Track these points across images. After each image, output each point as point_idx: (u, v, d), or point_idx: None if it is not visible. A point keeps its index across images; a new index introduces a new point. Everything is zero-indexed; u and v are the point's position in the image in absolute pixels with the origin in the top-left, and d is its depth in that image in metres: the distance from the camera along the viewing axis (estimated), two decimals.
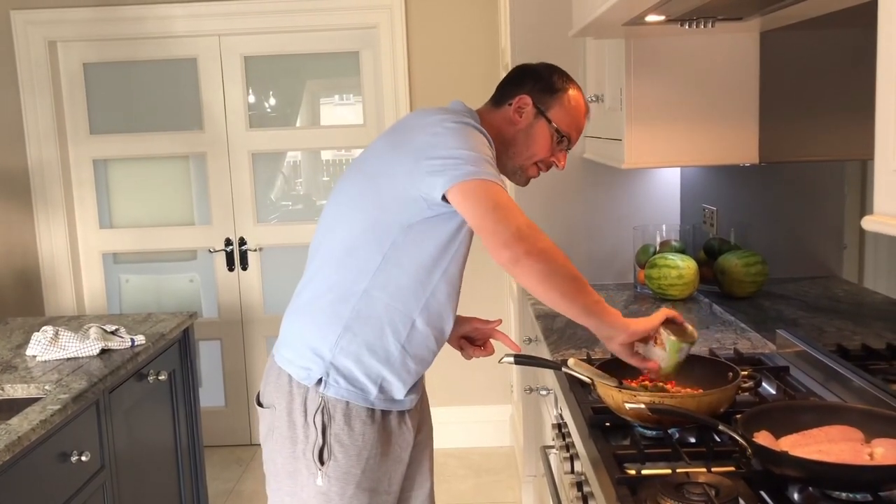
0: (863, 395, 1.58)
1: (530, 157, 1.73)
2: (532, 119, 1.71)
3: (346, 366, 1.61)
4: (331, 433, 1.60)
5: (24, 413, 1.88)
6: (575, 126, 1.74)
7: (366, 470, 1.63)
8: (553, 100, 1.72)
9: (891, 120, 0.81)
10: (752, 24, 1.93)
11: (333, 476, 1.61)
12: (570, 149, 1.77)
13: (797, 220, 2.10)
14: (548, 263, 1.48)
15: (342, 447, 1.61)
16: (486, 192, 1.49)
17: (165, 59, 3.90)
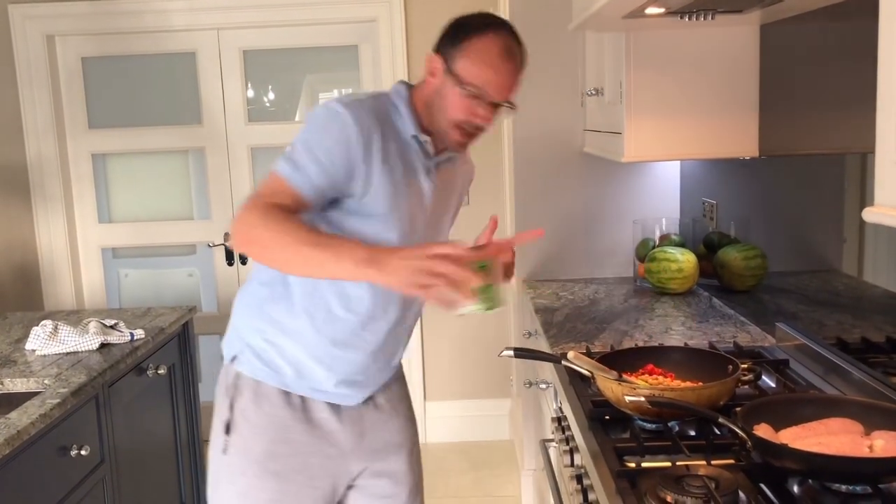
0: (862, 387, 1.58)
1: (446, 119, 1.57)
2: (443, 76, 1.56)
3: (260, 346, 1.64)
4: (237, 408, 1.64)
5: (24, 407, 1.88)
6: (484, 76, 1.52)
7: (271, 452, 1.62)
8: (457, 51, 1.54)
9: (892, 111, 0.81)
10: (752, 16, 1.92)
11: (234, 450, 1.64)
12: (497, 104, 1.56)
13: (797, 214, 2.10)
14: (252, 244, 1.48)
15: (247, 423, 1.63)
16: (263, 182, 1.52)
17: (164, 53, 3.89)
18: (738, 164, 2.37)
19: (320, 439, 1.66)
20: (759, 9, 1.78)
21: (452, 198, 1.77)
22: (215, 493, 1.69)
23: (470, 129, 1.59)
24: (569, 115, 2.95)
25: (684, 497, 1.19)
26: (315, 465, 1.66)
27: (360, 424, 1.71)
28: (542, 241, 3.00)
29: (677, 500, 1.19)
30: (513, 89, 1.58)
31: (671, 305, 2.50)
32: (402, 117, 1.60)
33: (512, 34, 1.57)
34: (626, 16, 1.83)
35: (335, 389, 1.65)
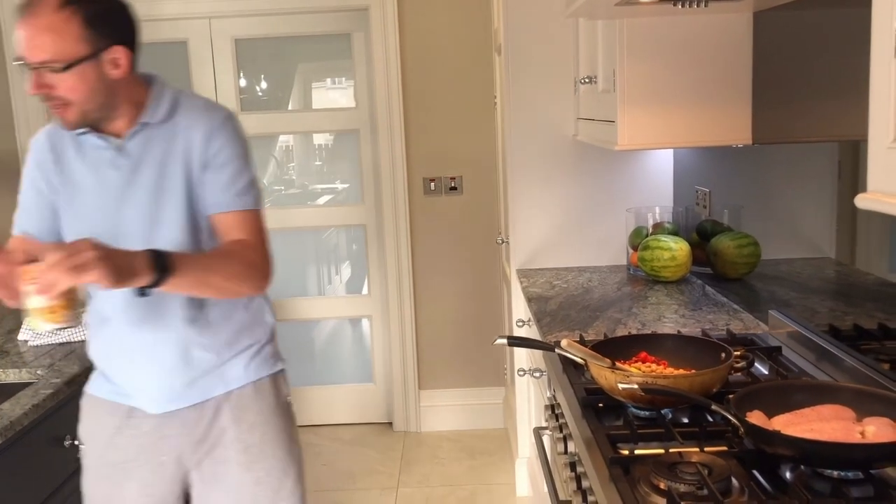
0: (854, 374, 1.59)
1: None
2: None
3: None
4: (81, 415, 1.79)
5: (17, 398, 1.87)
6: (15, 37, 1.50)
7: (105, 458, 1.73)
8: None
9: (885, 97, 0.81)
10: (745, 3, 1.92)
11: (83, 454, 1.78)
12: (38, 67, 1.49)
13: (790, 202, 2.10)
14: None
15: (85, 430, 1.78)
16: None
17: (155, 41, 3.85)
18: (732, 151, 2.37)
19: (154, 446, 1.71)
20: None
21: (169, 165, 1.62)
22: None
23: (46, 102, 1.54)
24: (562, 104, 2.95)
25: (677, 484, 1.20)
26: (146, 474, 1.72)
27: (194, 430, 1.69)
28: (535, 230, 3.00)
29: (670, 487, 1.19)
30: (37, 46, 1.48)
31: (664, 293, 2.51)
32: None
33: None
34: (619, 3, 1.83)
35: (151, 395, 1.69)
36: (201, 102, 1.71)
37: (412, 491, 3.39)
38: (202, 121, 1.64)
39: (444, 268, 3.86)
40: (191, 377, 1.67)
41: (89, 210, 1.61)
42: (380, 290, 3.97)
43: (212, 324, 1.67)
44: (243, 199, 1.64)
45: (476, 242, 3.84)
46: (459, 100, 3.75)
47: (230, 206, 1.63)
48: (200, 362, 1.67)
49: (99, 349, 1.75)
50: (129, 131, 1.61)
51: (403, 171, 3.79)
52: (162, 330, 1.64)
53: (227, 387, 1.71)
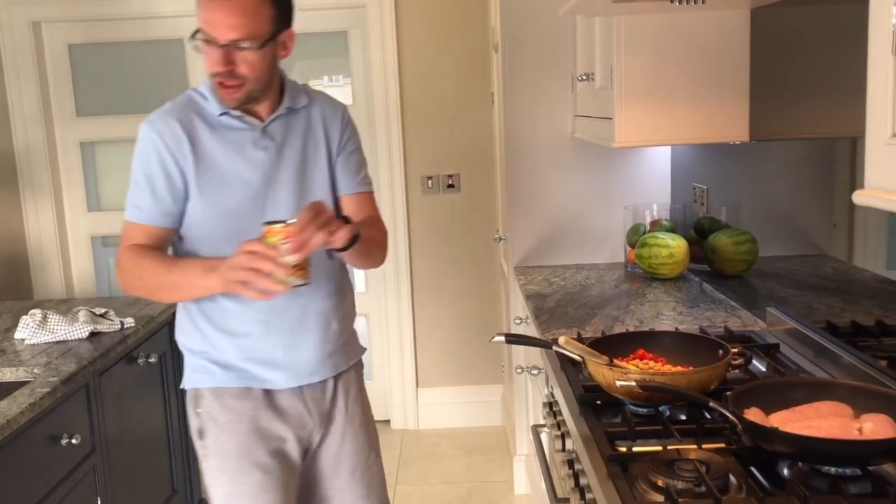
0: (852, 371, 1.59)
1: (210, 75, 1.62)
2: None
3: (189, 360, 1.78)
4: (203, 412, 1.74)
5: (13, 396, 1.87)
6: (202, 18, 1.57)
7: (247, 445, 1.68)
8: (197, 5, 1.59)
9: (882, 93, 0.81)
10: (743, 0, 1.92)
11: (213, 451, 1.72)
12: (215, 44, 1.57)
13: (787, 199, 2.10)
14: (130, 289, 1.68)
15: (215, 423, 1.72)
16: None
17: (152, 39, 3.86)
18: (729, 148, 2.37)
19: (289, 424, 1.73)
20: None
21: (310, 148, 1.74)
22: (212, 500, 1.75)
23: (222, 79, 1.58)
24: (559, 101, 2.94)
25: (675, 481, 1.20)
26: (290, 450, 1.73)
27: (321, 404, 1.78)
28: (533, 228, 3.00)
29: (668, 484, 1.19)
30: (234, 28, 1.54)
31: (662, 290, 2.50)
32: (208, 100, 1.66)
33: None
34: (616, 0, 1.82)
35: (277, 375, 1.71)
36: (324, 94, 1.85)
37: (410, 489, 3.39)
38: (338, 110, 1.80)
39: (442, 265, 3.86)
40: (326, 352, 1.77)
41: (233, 189, 1.66)
42: (377, 288, 3.97)
43: (344, 298, 1.83)
44: (368, 182, 1.83)
45: (474, 240, 3.84)
46: (457, 97, 3.75)
47: (361, 188, 1.81)
48: (335, 336, 1.79)
49: (233, 330, 1.71)
50: (273, 114, 1.69)
51: (401, 168, 3.79)
52: (310, 302, 1.73)
53: (347, 363, 1.83)
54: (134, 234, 1.66)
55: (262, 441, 1.70)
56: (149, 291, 1.69)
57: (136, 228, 1.66)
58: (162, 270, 1.63)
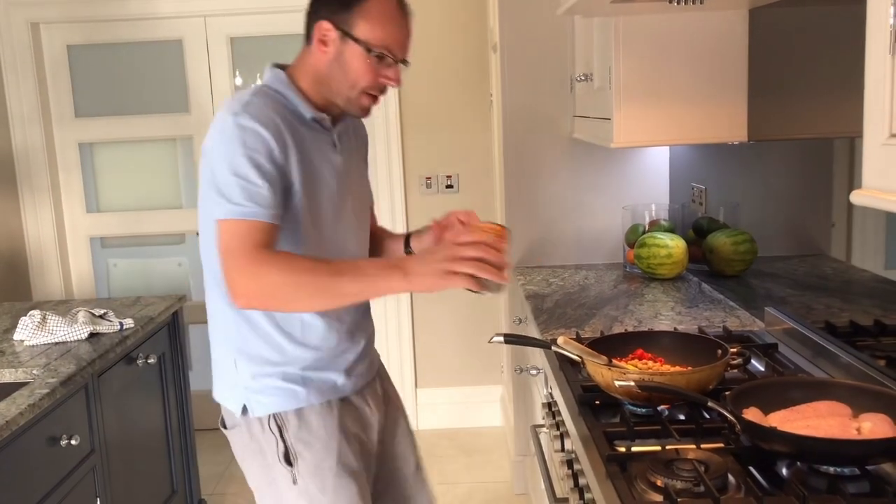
0: (850, 370, 1.59)
1: (353, 86, 1.55)
2: (339, 45, 1.53)
3: (258, 384, 1.59)
4: (289, 435, 1.59)
5: (12, 397, 1.87)
6: (391, 36, 1.52)
7: (339, 460, 1.61)
8: (353, 15, 1.51)
9: (879, 93, 0.81)
10: (741, 0, 1.92)
11: (306, 473, 1.59)
12: (402, 63, 1.56)
13: (786, 199, 2.10)
14: (278, 303, 1.46)
15: (305, 445, 1.59)
16: (221, 234, 1.45)
17: (150, 40, 3.86)
18: (727, 149, 2.37)
19: (365, 426, 1.70)
20: None
21: (360, 160, 1.78)
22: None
23: (377, 91, 1.58)
24: (558, 101, 2.95)
25: (674, 481, 1.20)
26: (370, 452, 1.71)
27: (377, 400, 1.76)
28: (532, 228, 3.00)
29: (667, 484, 1.19)
30: (408, 44, 1.58)
31: (661, 291, 2.51)
32: (294, 103, 1.56)
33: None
34: (614, 0, 1.83)
35: (347, 381, 1.66)
36: None
37: None
38: (361, 124, 1.79)
39: None
40: (372, 349, 1.78)
41: (323, 191, 1.59)
42: None
43: None
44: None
45: None
46: (455, 98, 3.75)
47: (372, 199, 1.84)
48: (373, 332, 1.79)
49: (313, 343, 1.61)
50: (341, 122, 1.67)
51: (400, 168, 3.79)
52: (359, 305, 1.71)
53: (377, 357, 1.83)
54: (254, 236, 1.42)
55: (349, 453, 1.64)
56: (298, 299, 1.44)
57: (257, 228, 1.43)
58: (325, 273, 1.42)
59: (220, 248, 1.44)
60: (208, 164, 1.48)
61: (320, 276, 1.41)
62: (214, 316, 1.64)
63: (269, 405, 1.59)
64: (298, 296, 1.43)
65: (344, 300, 1.50)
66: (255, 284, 1.41)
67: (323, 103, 1.60)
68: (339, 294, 1.45)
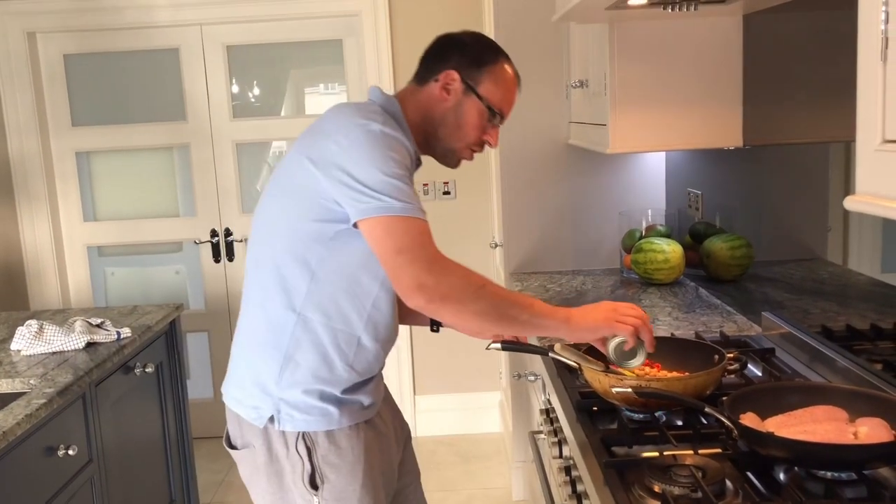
0: (847, 375, 1.59)
1: (462, 137, 1.59)
2: (461, 96, 1.57)
3: (296, 397, 1.53)
4: (317, 457, 1.54)
5: (10, 408, 1.86)
6: (507, 101, 1.62)
7: (364, 483, 1.56)
8: (482, 73, 1.58)
9: (872, 99, 0.82)
10: (735, 6, 1.93)
11: (331, 498, 1.54)
12: (501, 124, 1.64)
13: (782, 203, 2.11)
14: (455, 303, 1.41)
15: (332, 468, 1.54)
16: (389, 232, 1.40)
17: (147, 49, 3.86)
18: (723, 154, 2.38)
19: (385, 449, 1.64)
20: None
21: None
22: None
23: (478, 148, 1.64)
24: (554, 108, 2.95)
25: (672, 486, 1.20)
26: (388, 472, 1.65)
27: (387, 413, 1.71)
28: (529, 234, 3.01)
29: (665, 490, 1.19)
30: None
31: (658, 296, 2.51)
32: (405, 134, 1.54)
33: None
34: (609, 7, 1.83)
35: (374, 402, 1.62)
36: None
37: None
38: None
39: None
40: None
41: None
42: None
43: None
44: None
45: (469, 246, 3.84)
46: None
47: None
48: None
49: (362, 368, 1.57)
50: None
51: None
52: None
53: None
54: (427, 235, 1.43)
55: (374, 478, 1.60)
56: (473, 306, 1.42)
57: (425, 228, 1.43)
58: (501, 292, 1.46)
59: (389, 245, 1.39)
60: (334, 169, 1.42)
61: (497, 298, 1.44)
62: (265, 320, 1.55)
63: (301, 423, 1.53)
64: (475, 305, 1.42)
65: (505, 324, 1.48)
66: (439, 284, 1.39)
67: (420, 143, 1.60)
68: (506, 316, 1.46)
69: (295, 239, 1.48)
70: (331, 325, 1.51)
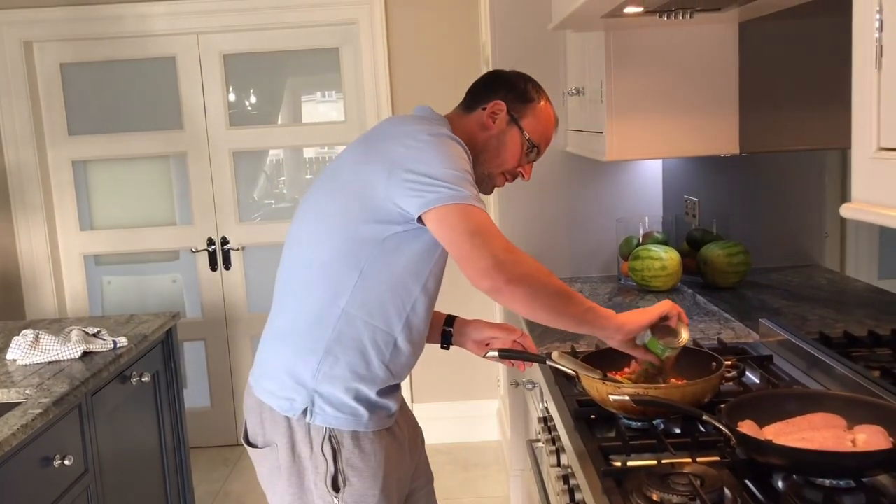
0: (845, 382, 1.59)
1: (500, 164, 1.68)
2: (505, 126, 1.66)
3: (331, 392, 1.54)
4: (342, 458, 1.54)
5: (5, 418, 1.85)
6: (545, 137, 1.71)
7: (384, 488, 1.57)
8: (527, 108, 1.68)
9: (867, 106, 0.82)
10: (731, 14, 1.93)
11: (350, 501, 1.55)
12: (536, 160, 1.73)
13: (778, 210, 2.11)
14: (529, 287, 1.46)
15: (355, 471, 1.55)
16: (463, 217, 1.44)
17: (144, 58, 3.87)
18: (720, 161, 2.38)
19: (402, 454, 1.66)
20: (737, 6, 1.79)
21: None
22: None
23: (510, 177, 1.72)
24: None
25: (670, 495, 1.19)
26: (405, 476, 1.70)
27: (409, 429, 1.73)
28: (526, 241, 3.00)
29: (663, 499, 1.19)
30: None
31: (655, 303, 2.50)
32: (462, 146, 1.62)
33: None
34: (605, 15, 1.84)
35: (397, 406, 1.64)
36: None
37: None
38: None
39: None
40: None
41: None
42: None
43: None
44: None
45: None
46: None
47: None
48: None
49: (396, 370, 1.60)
50: None
51: None
52: None
53: None
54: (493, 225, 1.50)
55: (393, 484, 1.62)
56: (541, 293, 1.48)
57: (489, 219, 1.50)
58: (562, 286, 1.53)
59: (463, 228, 1.43)
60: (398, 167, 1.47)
61: (561, 289, 1.51)
62: (307, 313, 1.56)
63: (331, 418, 1.54)
64: (545, 290, 1.49)
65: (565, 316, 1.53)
66: (517, 266, 1.44)
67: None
68: (564, 310, 1.51)
69: (349, 238, 1.52)
70: (371, 323, 1.54)
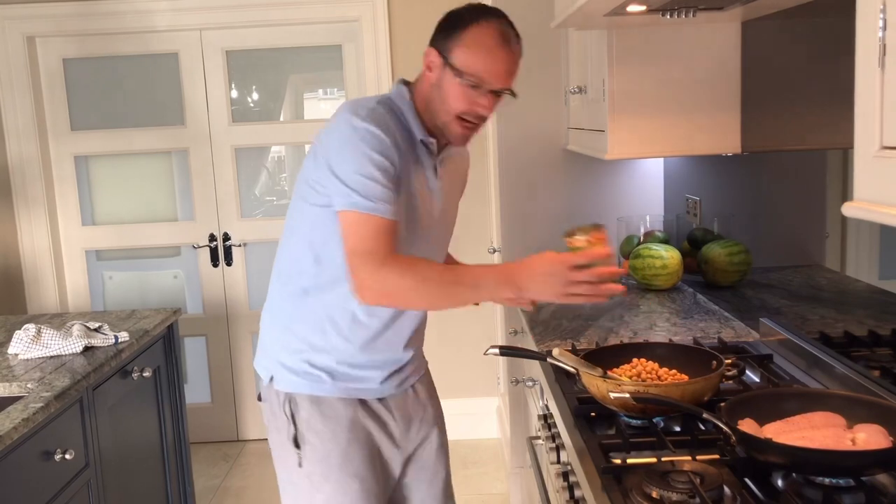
0: (845, 381, 1.59)
1: (447, 111, 1.58)
2: (440, 71, 1.57)
3: (292, 362, 1.68)
4: (300, 419, 1.66)
5: (7, 412, 1.86)
6: (483, 65, 1.54)
7: (348, 454, 1.66)
8: (452, 42, 1.55)
9: (870, 106, 0.82)
10: (734, 13, 1.93)
11: (313, 459, 1.66)
12: (497, 91, 1.58)
13: (780, 210, 2.11)
14: (397, 300, 1.55)
15: (315, 432, 1.66)
16: (353, 230, 1.51)
17: (146, 53, 3.87)
18: (721, 160, 2.38)
19: (381, 432, 1.72)
20: (740, 6, 1.79)
21: (457, 189, 1.82)
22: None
23: (471, 119, 1.61)
24: (552, 113, 2.96)
25: (670, 493, 1.20)
26: (384, 457, 1.74)
27: (405, 411, 1.78)
28: (527, 239, 3.01)
29: (663, 496, 1.19)
30: (512, 75, 1.62)
31: (656, 302, 2.51)
32: (409, 122, 1.62)
33: (506, 21, 1.61)
34: (607, 13, 1.84)
35: (380, 385, 1.71)
36: None
37: None
38: (468, 157, 1.85)
39: None
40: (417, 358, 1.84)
41: (413, 211, 1.62)
42: None
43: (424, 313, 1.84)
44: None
45: (467, 252, 3.82)
46: None
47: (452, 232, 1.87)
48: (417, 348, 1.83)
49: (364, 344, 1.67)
50: (446, 150, 1.70)
51: None
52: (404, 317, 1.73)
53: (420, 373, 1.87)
54: (380, 236, 1.49)
55: (357, 453, 1.68)
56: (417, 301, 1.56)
57: (382, 226, 1.49)
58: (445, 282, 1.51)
59: (346, 243, 1.52)
60: (323, 159, 1.54)
61: (440, 286, 1.50)
62: (276, 294, 1.73)
63: (290, 384, 1.67)
64: (418, 299, 1.54)
65: (455, 305, 1.57)
66: (381, 285, 1.49)
67: (431, 127, 1.64)
68: (453, 302, 1.55)
69: (303, 221, 1.63)
70: (327, 300, 1.64)
